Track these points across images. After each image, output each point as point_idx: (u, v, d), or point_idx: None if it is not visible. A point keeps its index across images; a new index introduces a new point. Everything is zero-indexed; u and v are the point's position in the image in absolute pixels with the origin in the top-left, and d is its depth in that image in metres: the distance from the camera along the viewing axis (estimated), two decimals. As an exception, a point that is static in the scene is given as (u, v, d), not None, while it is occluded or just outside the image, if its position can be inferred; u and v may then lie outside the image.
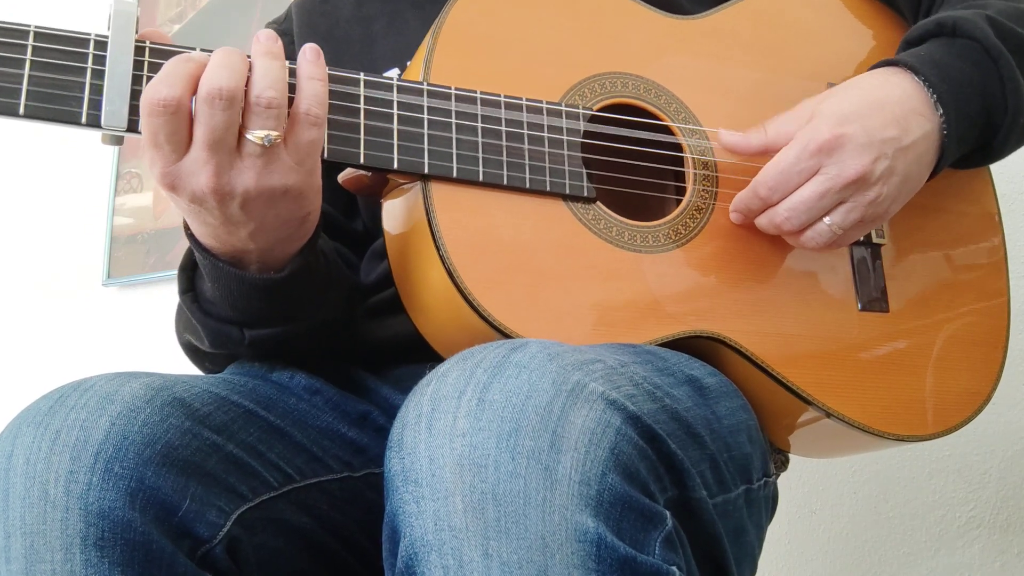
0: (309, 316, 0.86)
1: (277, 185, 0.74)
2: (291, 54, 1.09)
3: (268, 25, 1.15)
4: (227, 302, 0.83)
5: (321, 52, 0.77)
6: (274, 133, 0.72)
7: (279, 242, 0.79)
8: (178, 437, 0.72)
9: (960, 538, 1.44)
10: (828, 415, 0.88)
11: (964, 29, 0.90)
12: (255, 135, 0.72)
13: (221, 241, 0.78)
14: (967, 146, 0.91)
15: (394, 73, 1.02)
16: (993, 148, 0.93)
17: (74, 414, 0.70)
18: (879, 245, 0.95)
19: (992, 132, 0.91)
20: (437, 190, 0.81)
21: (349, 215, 1.05)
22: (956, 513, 1.45)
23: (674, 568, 0.64)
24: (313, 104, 0.75)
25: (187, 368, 0.94)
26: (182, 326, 0.91)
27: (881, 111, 0.86)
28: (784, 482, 0.95)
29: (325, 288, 0.86)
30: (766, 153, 0.88)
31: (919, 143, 0.87)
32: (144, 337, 2.28)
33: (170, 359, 0.94)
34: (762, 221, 0.88)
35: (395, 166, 0.80)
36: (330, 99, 0.79)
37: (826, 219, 0.85)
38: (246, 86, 0.73)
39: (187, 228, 0.80)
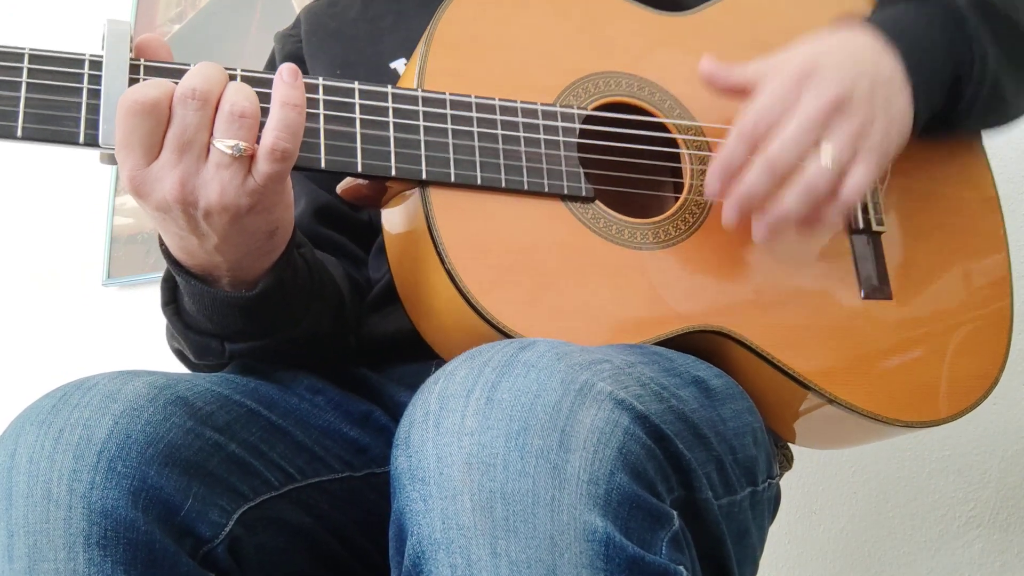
0: (290, 329, 0.86)
1: (243, 204, 0.73)
2: (299, 54, 1.10)
3: (278, 33, 1.15)
4: (204, 316, 0.82)
5: (300, 73, 0.75)
6: (243, 144, 0.71)
7: (247, 256, 0.78)
8: (180, 436, 0.72)
9: (960, 538, 1.44)
10: (836, 404, 0.88)
11: None
12: (224, 143, 0.71)
13: (190, 253, 0.77)
14: (935, 102, 0.90)
15: (401, 63, 1.03)
16: (957, 114, 0.92)
17: (77, 413, 0.70)
18: (879, 233, 0.95)
19: (956, 98, 0.90)
20: (436, 195, 0.81)
21: (354, 205, 1.05)
22: (956, 513, 1.45)
23: (681, 568, 0.64)
24: (283, 136, 0.72)
25: (188, 370, 0.94)
26: (170, 334, 0.91)
27: (851, 43, 0.85)
28: (784, 482, 0.95)
29: (306, 301, 0.86)
30: (743, 92, 0.85)
31: (895, 78, 0.85)
32: (144, 337, 2.28)
33: (170, 359, 0.94)
34: (755, 171, 0.80)
35: (393, 173, 0.80)
36: (325, 110, 0.79)
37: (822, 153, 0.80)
38: (221, 95, 0.72)
39: (161, 243, 0.80)
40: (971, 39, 0.88)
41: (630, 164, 0.90)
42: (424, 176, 0.81)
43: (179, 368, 0.92)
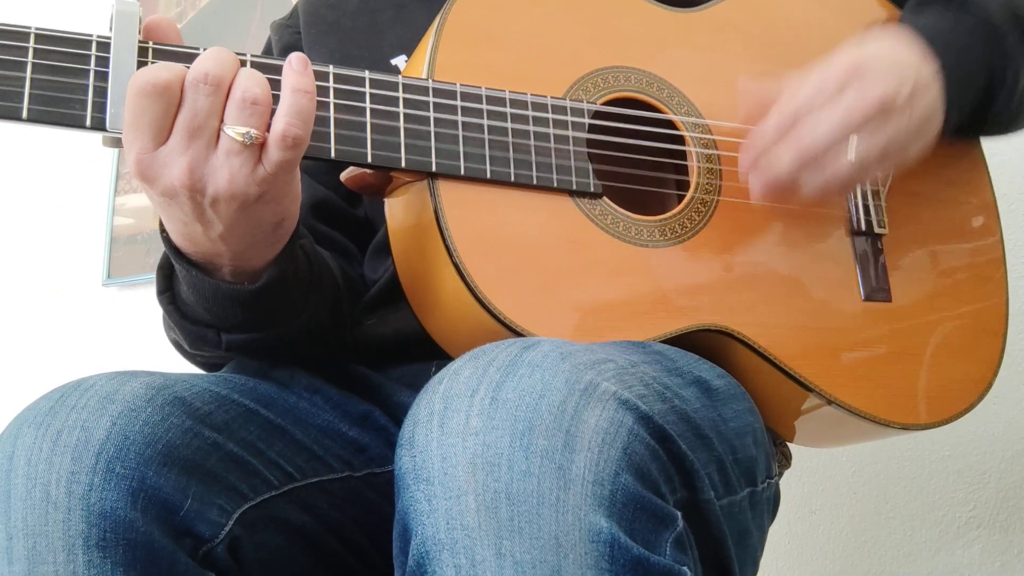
0: (288, 322, 0.85)
1: (251, 192, 0.72)
2: (297, 45, 1.10)
3: (275, 23, 1.15)
4: (202, 307, 0.82)
5: (309, 62, 0.74)
6: (255, 132, 0.70)
7: (251, 246, 0.77)
8: (179, 436, 0.72)
9: (960, 538, 1.44)
10: (834, 405, 0.88)
11: (974, 5, 0.90)
12: (235, 130, 0.70)
13: (193, 241, 0.76)
14: (964, 113, 0.91)
15: (402, 59, 1.02)
16: (986, 121, 0.93)
17: (75, 414, 0.69)
18: (880, 235, 0.95)
19: (987, 105, 0.92)
20: (445, 188, 0.80)
21: (352, 201, 1.04)
22: (956, 513, 1.45)
23: (685, 568, 0.64)
24: (294, 123, 0.71)
25: (187, 368, 0.94)
26: (166, 323, 0.90)
27: (897, 47, 0.86)
28: (784, 482, 0.95)
29: (306, 293, 0.85)
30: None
31: (932, 85, 0.87)
32: (144, 337, 2.27)
33: (170, 358, 0.94)
34: (784, 151, 0.83)
35: (403, 165, 0.79)
36: (335, 99, 0.78)
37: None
38: (232, 81, 0.71)
39: (162, 230, 0.78)
40: (1007, 53, 0.89)
41: (637, 160, 0.90)
42: (434, 168, 0.80)
43: (180, 365, 0.91)
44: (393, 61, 1.03)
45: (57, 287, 2.68)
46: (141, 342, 2.28)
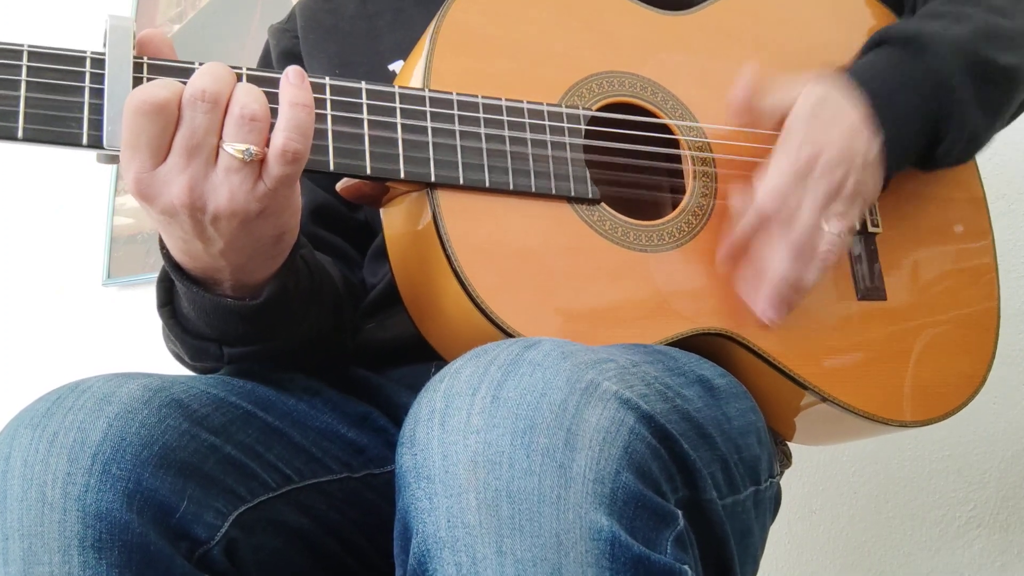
0: (290, 333, 0.85)
1: (252, 209, 0.71)
2: (296, 50, 1.09)
3: (272, 27, 1.15)
4: (203, 321, 0.81)
5: (306, 75, 0.73)
6: (254, 148, 0.69)
7: (251, 260, 0.76)
8: (176, 438, 0.72)
9: (960, 538, 1.44)
10: (831, 403, 0.89)
11: (931, 53, 0.89)
12: (235, 147, 0.69)
13: (193, 257, 0.76)
14: (909, 158, 0.92)
15: (400, 65, 1.02)
16: (934, 159, 0.94)
17: (71, 416, 0.69)
18: (874, 234, 0.96)
19: (932, 150, 0.92)
20: (443, 197, 0.80)
21: (352, 205, 1.04)
22: (956, 513, 1.44)
23: (686, 567, 0.64)
24: (293, 137, 0.71)
25: (185, 370, 0.94)
26: (166, 336, 0.90)
27: (842, 118, 0.87)
28: (784, 482, 0.95)
29: (307, 303, 0.85)
30: (755, 118, 0.89)
31: (874, 143, 0.87)
32: (144, 337, 2.28)
33: (169, 360, 0.94)
34: (787, 259, 0.85)
35: (402, 176, 0.79)
36: (332, 110, 0.77)
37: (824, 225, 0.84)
38: (230, 97, 0.70)
39: (162, 246, 0.78)
40: (953, 108, 0.89)
41: (633, 165, 0.90)
42: (433, 179, 0.79)
43: (178, 370, 0.91)
44: (391, 67, 1.03)
45: (57, 287, 2.68)
46: (141, 342, 2.28)
